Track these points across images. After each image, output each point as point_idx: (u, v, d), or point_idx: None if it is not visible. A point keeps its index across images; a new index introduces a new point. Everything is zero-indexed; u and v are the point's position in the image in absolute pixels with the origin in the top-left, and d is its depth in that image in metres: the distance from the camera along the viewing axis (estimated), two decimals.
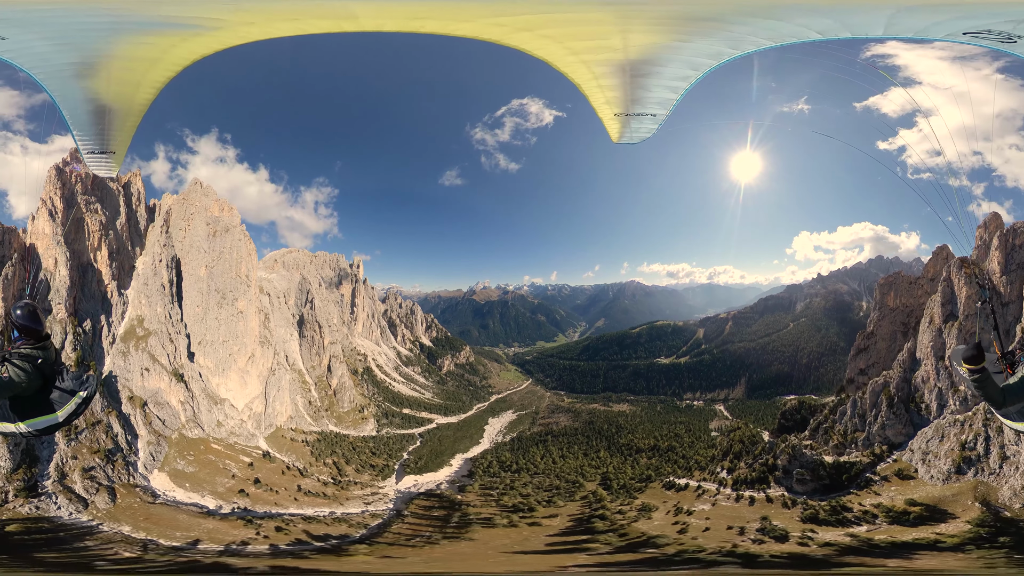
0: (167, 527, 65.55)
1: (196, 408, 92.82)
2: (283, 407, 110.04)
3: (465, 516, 73.95)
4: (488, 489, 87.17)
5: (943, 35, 6.02)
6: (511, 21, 7.37)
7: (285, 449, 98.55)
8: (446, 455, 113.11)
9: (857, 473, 71.01)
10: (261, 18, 7.37)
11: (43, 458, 69.56)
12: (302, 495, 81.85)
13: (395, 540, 62.55)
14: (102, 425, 79.95)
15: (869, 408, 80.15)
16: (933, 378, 76.86)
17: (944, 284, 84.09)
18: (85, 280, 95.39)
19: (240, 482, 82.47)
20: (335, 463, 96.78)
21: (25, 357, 6.27)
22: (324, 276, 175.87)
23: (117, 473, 74.88)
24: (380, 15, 7.47)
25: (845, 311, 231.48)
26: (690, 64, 7.77)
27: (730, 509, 72.95)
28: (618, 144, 9.57)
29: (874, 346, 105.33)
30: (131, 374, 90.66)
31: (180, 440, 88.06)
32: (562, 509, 79.14)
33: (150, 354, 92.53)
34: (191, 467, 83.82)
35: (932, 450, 66.98)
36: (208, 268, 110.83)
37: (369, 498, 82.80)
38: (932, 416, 72.75)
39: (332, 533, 66.36)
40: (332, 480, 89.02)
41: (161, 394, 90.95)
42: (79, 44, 7.30)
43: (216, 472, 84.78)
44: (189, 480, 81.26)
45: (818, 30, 6.41)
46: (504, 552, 58.85)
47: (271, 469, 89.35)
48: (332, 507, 77.62)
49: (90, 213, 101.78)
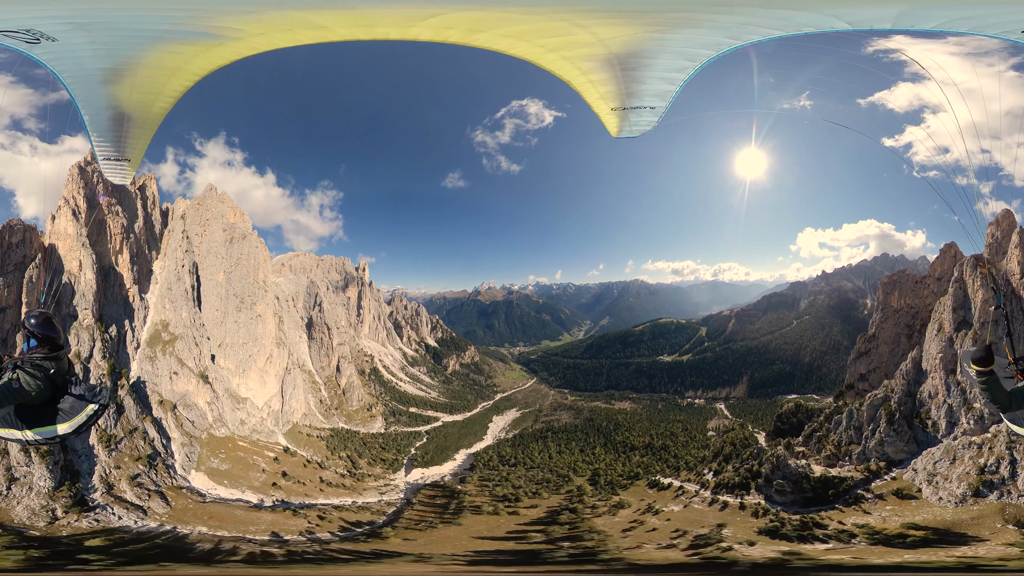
0: (234, 523, 69.00)
1: (221, 408, 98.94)
2: (298, 404, 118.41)
3: (460, 504, 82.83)
4: (485, 481, 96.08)
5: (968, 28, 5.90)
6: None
7: (303, 444, 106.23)
8: (451, 450, 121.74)
9: (847, 489, 66.68)
10: (280, 28, 7.49)
11: (84, 472, 69.05)
12: (326, 486, 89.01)
13: (408, 525, 72.32)
14: (139, 432, 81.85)
15: (866, 422, 74.43)
16: (942, 393, 69.40)
17: (956, 286, 75.81)
18: (107, 284, 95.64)
19: (271, 476, 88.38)
20: (349, 457, 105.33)
21: (38, 366, 6.28)
22: (331, 280, 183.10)
23: (160, 477, 77.15)
24: (399, 23, 7.52)
25: (849, 309, 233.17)
26: (684, 55, 7.77)
27: (697, 513, 72.96)
28: (620, 142, 10.31)
29: (875, 350, 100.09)
30: (160, 378, 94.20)
31: (210, 440, 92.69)
32: (545, 501, 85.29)
33: (178, 358, 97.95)
34: (224, 464, 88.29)
35: (941, 472, 60.99)
36: (226, 274, 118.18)
37: (383, 489, 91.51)
38: (940, 434, 66.44)
39: (362, 520, 74.91)
40: (349, 473, 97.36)
41: (189, 396, 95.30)
42: (116, 50, 7.50)
43: (248, 468, 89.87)
44: (226, 477, 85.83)
45: (848, 21, 6.25)
46: (475, 537, 67.17)
47: (294, 463, 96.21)
48: (353, 497, 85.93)
49: (112, 215, 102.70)
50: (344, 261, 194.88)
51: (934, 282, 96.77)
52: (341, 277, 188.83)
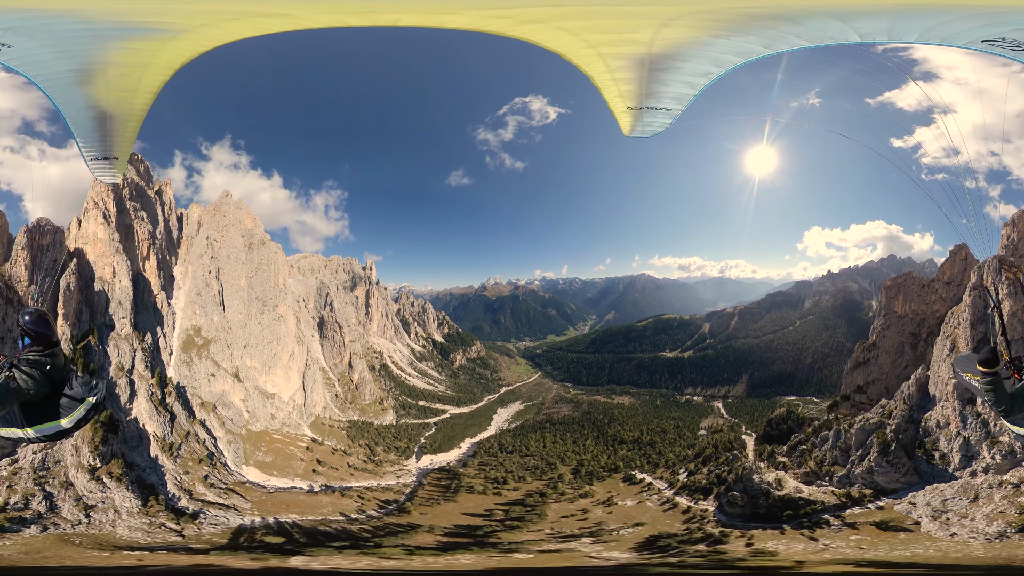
0: (308, 508, 75.12)
1: (254, 405, 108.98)
2: (319, 398, 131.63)
3: (459, 484, 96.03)
4: (483, 465, 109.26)
5: (964, 43, 6.23)
6: (518, 13, 7.34)
7: (327, 435, 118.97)
8: (457, 439, 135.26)
9: (811, 513, 60.67)
10: (251, 14, 7.40)
11: (156, 483, 69.06)
12: (354, 471, 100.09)
13: (421, 502, 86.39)
14: (192, 435, 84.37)
15: (854, 447, 66.93)
16: (955, 424, 60.66)
17: (975, 295, 64.49)
18: (137, 291, 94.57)
19: (308, 464, 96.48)
20: (367, 445, 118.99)
21: (34, 364, 6.46)
22: (339, 280, 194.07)
23: (223, 475, 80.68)
24: (402, 8, 7.42)
25: (854, 310, 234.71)
26: (715, 61, 7.85)
27: (641, 510, 74.86)
28: (628, 139, 9.49)
29: (875, 360, 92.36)
30: (198, 381, 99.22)
31: (249, 435, 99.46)
32: (527, 485, 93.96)
33: (213, 360, 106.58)
34: (268, 457, 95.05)
35: (954, 509, 51.98)
36: (248, 279, 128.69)
37: (399, 472, 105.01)
38: (952, 468, 58.37)
39: (389, 499, 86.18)
40: (369, 459, 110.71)
41: (226, 395, 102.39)
42: (74, 51, 7.54)
43: (288, 458, 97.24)
44: (274, 468, 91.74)
45: (861, 33, 6.60)
46: (463, 512, 79.05)
47: (323, 451, 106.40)
48: (376, 480, 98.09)
49: (138, 220, 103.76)
50: (352, 261, 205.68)
51: (942, 286, 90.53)
52: (349, 277, 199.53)
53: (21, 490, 56.56)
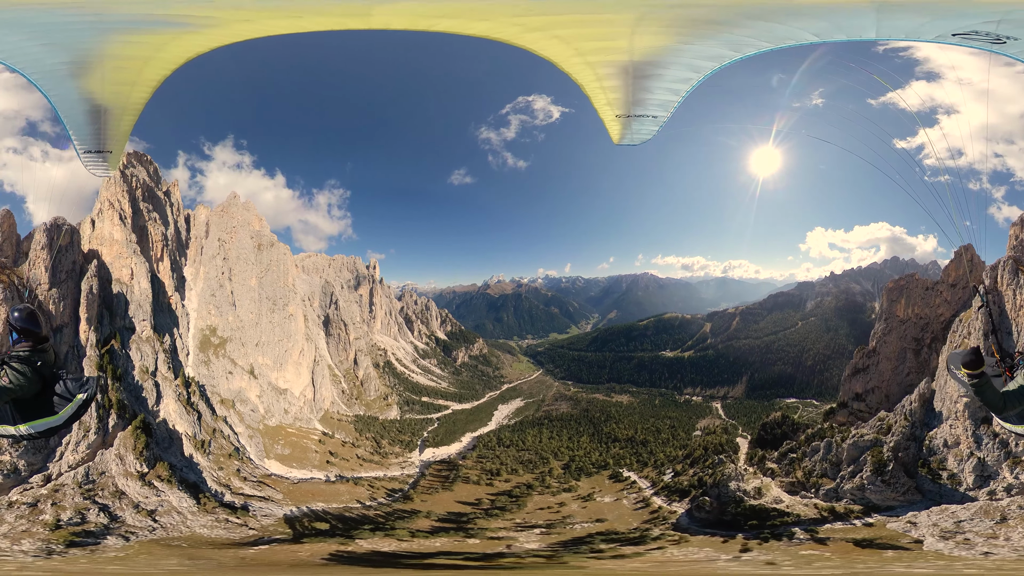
0: (330, 496, 79.79)
1: (268, 401, 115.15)
2: (327, 393, 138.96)
3: (457, 474, 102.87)
4: (481, 457, 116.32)
5: (933, 37, 6.19)
6: (528, 21, 7.60)
7: (336, 428, 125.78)
8: (458, 434, 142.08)
9: (779, 525, 58.03)
10: (259, 15, 7.50)
11: (197, 482, 69.93)
12: (363, 462, 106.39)
13: (423, 490, 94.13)
14: (218, 432, 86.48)
15: (845, 462, 64.27)
16: (966, 444, 57.34)
17: (991, 302, 59.29)
18: (154, 293, 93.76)
19: (323, 455, 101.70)
20: (373, 439, 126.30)
21: (24, 360, 6.55)
22: (343, 278, 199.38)
23: (251, 469, 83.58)
24: (393, 12, 7.54)
25: (856, 312, 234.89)
26: (691, 67, 8.18)
27: (614, 507, 76.32)
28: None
29: (875, 366, 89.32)
30: (216, 379, 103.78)
31: (266, 430, 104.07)
32: (519, 477, 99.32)
33: (230, 358, 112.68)
34: (286, 450, 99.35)
35: (976, 529, 47.80)
36: (258, 279, 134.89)
37: (403, 464, 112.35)
38: (965, 488, 55.19)
39: (395, 488, 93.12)
40: (375, 451, 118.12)
41: (243, 392, 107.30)
42: (67, 44, 7.52)
43: (304, 451, 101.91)
44: (293, 461, 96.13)
45: (814, 32, 6.72)
46: (457, 501, 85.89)
47: (334, 444, 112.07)
48: (383, 471, 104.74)
49: (152, 221, 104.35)
50: (355, 260, 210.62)
51: (947, 289, 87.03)
52: (353, 276, 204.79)
53: (70, 506, 55.29)
